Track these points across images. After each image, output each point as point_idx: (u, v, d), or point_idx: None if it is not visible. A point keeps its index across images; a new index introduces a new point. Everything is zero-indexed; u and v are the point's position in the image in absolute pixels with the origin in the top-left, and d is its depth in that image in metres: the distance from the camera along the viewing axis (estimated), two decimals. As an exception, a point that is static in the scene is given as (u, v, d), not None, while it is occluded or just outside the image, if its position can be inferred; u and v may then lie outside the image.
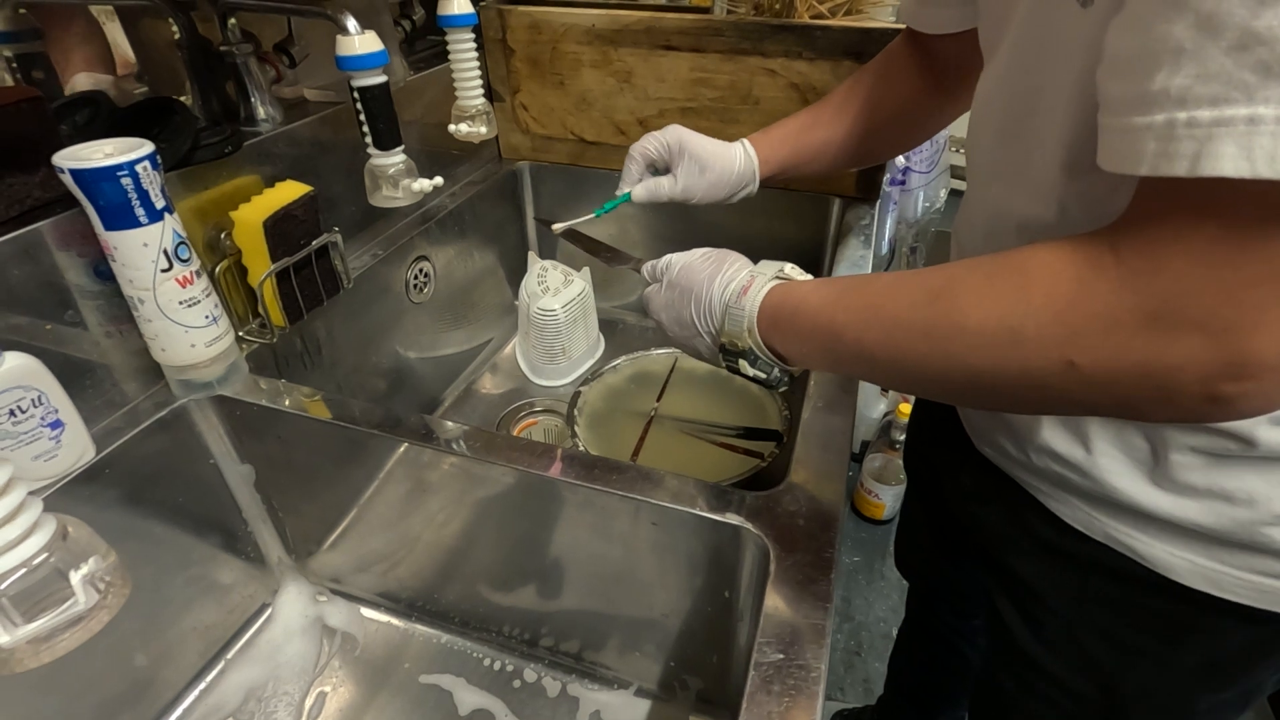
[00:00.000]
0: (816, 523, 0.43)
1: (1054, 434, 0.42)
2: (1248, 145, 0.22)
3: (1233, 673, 0.44)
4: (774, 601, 0.39)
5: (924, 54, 0.59)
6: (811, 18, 0.77)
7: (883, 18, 0.77)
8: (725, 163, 0.59)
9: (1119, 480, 0.40)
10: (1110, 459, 0.40)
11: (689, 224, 0.95)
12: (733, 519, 0.44)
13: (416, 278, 0.80)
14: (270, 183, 0.62)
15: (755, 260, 0.45)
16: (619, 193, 0.60)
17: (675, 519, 0.46)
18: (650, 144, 0.59)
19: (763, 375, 0.42)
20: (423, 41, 0.88)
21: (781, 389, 0.44)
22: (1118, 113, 0.26)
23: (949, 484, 0.58)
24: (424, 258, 0.81)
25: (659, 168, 0.61)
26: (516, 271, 0.97)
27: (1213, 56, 0.23)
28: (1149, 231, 0.26)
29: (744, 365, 0.42)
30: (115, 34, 0.65)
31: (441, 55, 0.72)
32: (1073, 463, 0.42)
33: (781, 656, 0.36)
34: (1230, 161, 0.23)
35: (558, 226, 0.61)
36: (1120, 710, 0.48)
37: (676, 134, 0.59)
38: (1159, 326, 0.25)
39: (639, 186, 0.59)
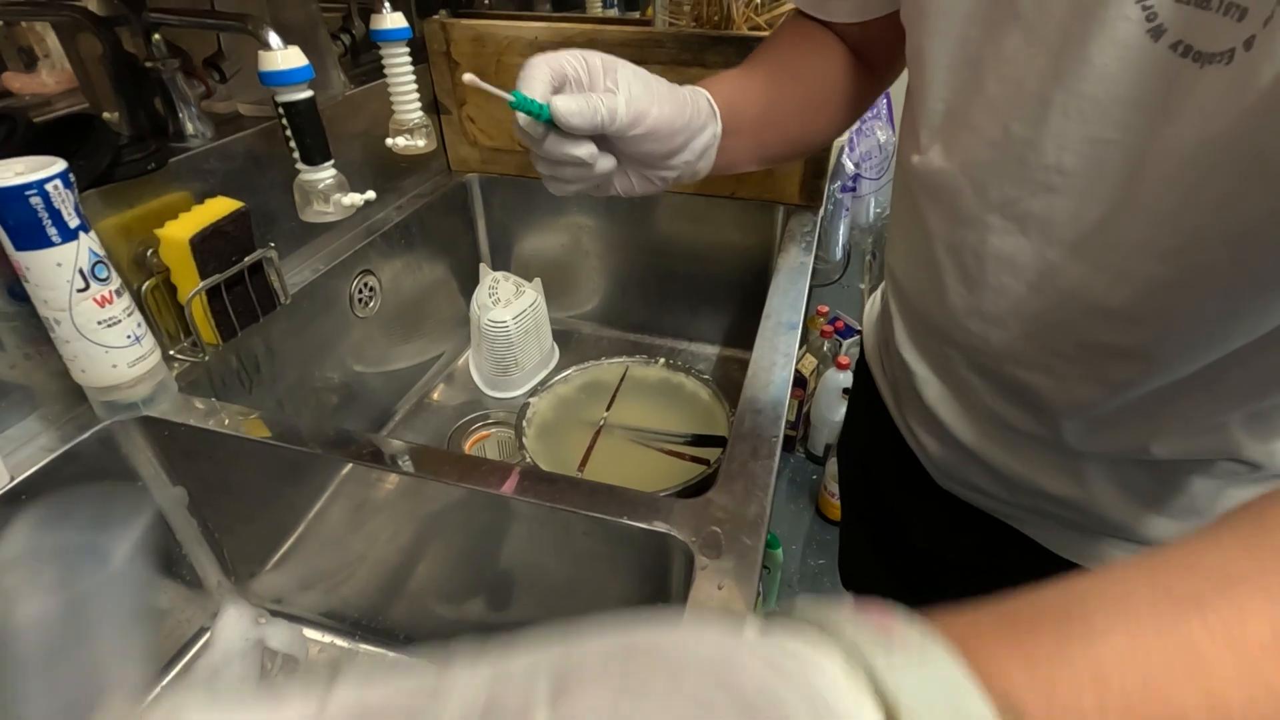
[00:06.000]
0: (742, 528, 0.43)
1: (1050, 479, 0.44)
2: None
3: None
4: (696, 607, 0.39)
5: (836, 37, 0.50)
6: (749, 29, 0.78)
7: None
8: (667, 85, 0.42)
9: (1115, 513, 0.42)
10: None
11: (643, 231, 0.96)
12: (659, 527, 0.44)
13: (361, 292, 0.79)
14: (201, 199, 0.61)
15: None
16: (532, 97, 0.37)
17: (605, 529, 0.46)
18: (565, 60, 0.39)
19: None
20: (367, 55, 0.88)
21: None
22: None
23: (908, 519, 0.59)
24: (369, 271, 0.80)
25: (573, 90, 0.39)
26: (469, 283, 0.97)
27: None
28: None
29: None
30: (54, 49, 0.63)
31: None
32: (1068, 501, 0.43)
33: (701, 663, 0.36)
34: None
35: (468, 76, 0.38)
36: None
37: (603, 57, 0.40)
38: None
39: (566, 98, 0.37)
